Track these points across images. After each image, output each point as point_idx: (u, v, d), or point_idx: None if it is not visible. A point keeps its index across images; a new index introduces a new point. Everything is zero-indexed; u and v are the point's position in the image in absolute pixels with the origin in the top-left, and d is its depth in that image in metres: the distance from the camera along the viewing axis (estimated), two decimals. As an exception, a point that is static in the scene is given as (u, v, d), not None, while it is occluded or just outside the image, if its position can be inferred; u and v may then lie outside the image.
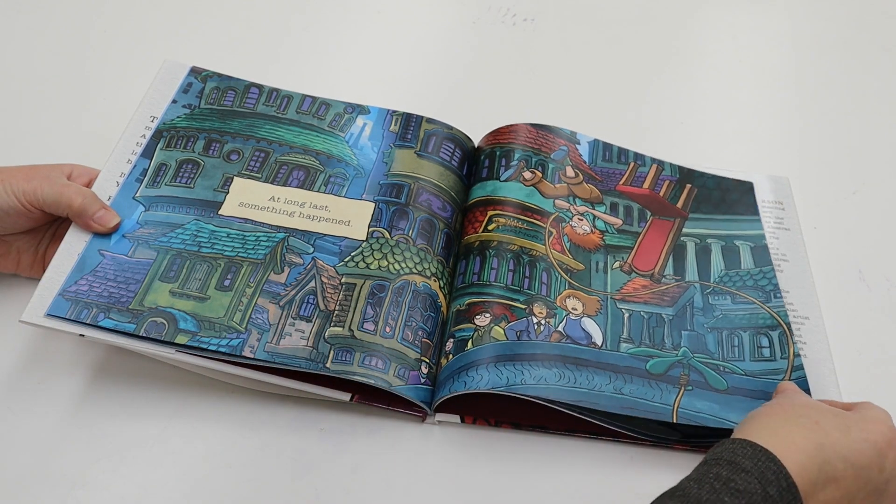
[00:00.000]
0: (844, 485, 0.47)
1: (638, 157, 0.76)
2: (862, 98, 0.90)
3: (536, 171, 0.71)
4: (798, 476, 0.45)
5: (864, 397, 0.62)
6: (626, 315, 0.64)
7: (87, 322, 0.57)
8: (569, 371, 0.59)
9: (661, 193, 0.74)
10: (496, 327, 0.61)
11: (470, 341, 0.60)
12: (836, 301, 0.69)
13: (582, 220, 0.70)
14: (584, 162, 0.74)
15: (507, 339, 0.60)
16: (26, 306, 0.57)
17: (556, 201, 0.70)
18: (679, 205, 0.73)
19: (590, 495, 0.57)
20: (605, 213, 0.71)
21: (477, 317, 0.62)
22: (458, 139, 0.74)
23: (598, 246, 0.69)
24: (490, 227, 0.68)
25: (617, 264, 0.68)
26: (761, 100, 0.90)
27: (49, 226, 0.65)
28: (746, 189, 0.75)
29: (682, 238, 0.71)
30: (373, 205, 0.68)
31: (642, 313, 0.65)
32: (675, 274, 0.68)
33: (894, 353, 0.67)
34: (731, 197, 0.74)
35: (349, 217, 0.67)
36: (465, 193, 0.72)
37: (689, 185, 0.75)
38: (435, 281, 0.65)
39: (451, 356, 0.60)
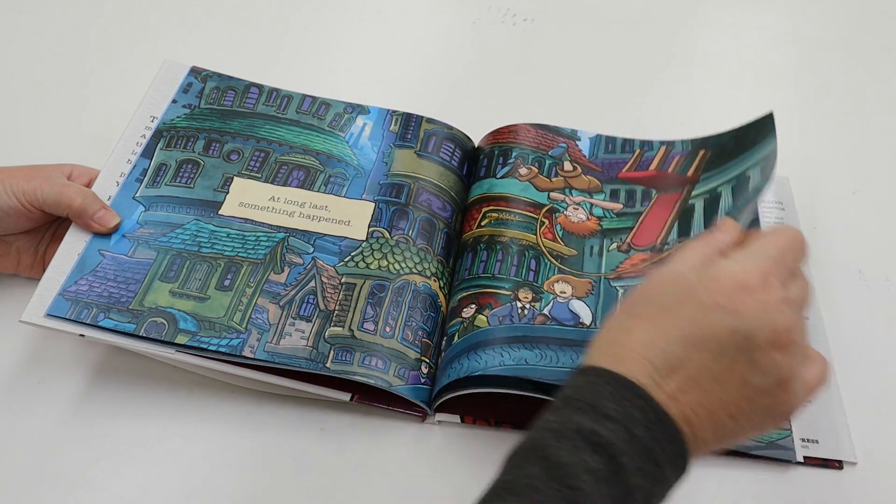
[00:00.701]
0: (690, 367, 0.42)
1: (645, 143, 0.74)
2: (862, 98, 0.90)
3: (532, 167, 0.71)
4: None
5: (864, 397, 0.63)
6: (621, 291, 0.64)
7: (87, 322, 0.57)
8: (551, 351, 0.59)
9: (670, 170, 0.71)
10: (480, 316, 0.61)
11: (456, 335, 0.60)
12: (836, 301, 0.69)
13: (578, 209, 0.70)
14: (584, 156, 0.74)
15: (490, 325, 0.60)
16: (26, 306, 0.57)
17: (551, 193, 0.70)
18: (690, 173, 0.70)
19: (590, 495, 0.57)
20: (603, 199, 0.71)
21: (464, 310, 0.62)
22: (458, 139, 0.74)
23: (593, 231, 0.68)
24: (483, 223, 0.68)
25: (614, 245, 0.67)
26: (761, 100, 0.90)
27: (49, 226, 0.65)
28: (767, 120, 0.66)
29: (690, 201, 0.68)
30: (373, 205, 0.68)
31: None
32: (679, 237, 0.65)
33: (894, 353, 0.67)
34: (749, 137, 0.67)
35: (349, 217, 0.67)
36: (465, 193, 0.72)
37: (702, 151, 0.71)
38: (435, 281, 0.65)
39: (443, 354, 0.60)
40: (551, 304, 0.63)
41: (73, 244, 0.62)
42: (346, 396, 0.59)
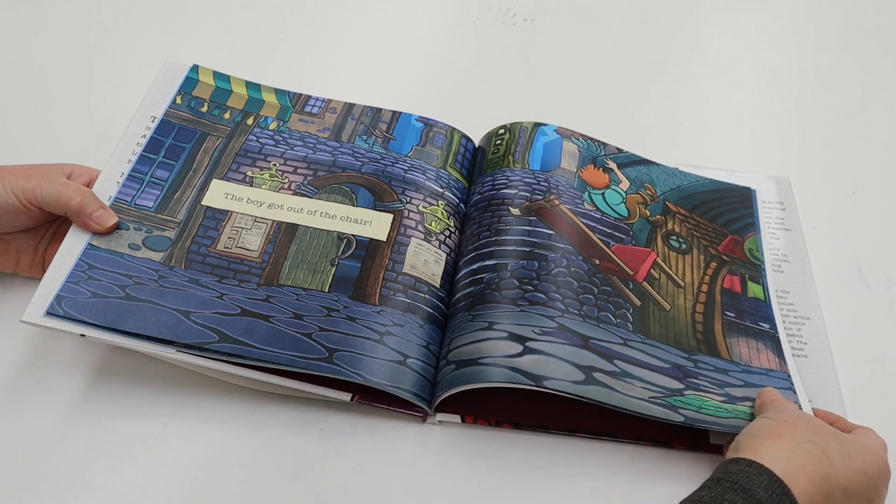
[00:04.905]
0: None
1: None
2: (862, 98, 0.90)
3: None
4: None
5: (864, 397, 0.63)
6: None
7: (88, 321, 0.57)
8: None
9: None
10: None
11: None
12: (836, 301, 0.69)
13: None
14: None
15: None
16: (27, 306, 0.57)
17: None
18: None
19: (590, 495, 0.57)
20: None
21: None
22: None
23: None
24: None
25: None
26: (761, 100, 0.90)
27: (49, 226, 0.65)
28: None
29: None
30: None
31: None
32: None
33: (894, 353, 0.67)
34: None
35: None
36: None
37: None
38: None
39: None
40: None
41: (74, 244, 0.61)
42: (346, 396, 0.59)
